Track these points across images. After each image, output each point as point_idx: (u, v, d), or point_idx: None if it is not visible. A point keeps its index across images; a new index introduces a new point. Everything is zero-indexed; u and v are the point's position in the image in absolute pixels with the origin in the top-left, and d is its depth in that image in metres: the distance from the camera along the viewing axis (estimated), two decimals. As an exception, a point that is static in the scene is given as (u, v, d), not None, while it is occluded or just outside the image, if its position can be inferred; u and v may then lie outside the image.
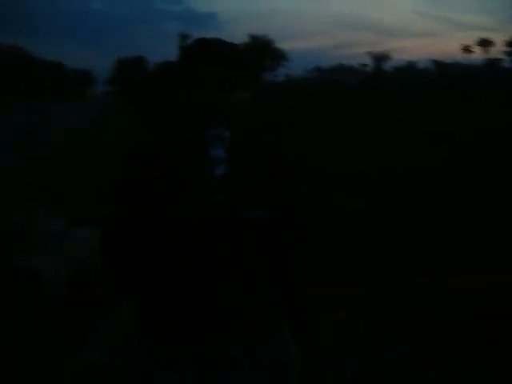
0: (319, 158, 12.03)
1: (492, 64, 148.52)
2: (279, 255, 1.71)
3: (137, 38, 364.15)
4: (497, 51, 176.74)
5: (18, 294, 3.24)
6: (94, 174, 10.66)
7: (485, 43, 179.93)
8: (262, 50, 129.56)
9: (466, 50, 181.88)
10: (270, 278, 1.70)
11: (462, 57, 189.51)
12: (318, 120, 23.12)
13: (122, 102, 62.38)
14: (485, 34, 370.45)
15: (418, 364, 3.63)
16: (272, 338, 1.72)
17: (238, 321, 1.64)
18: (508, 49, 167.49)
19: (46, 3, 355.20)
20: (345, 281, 4.92)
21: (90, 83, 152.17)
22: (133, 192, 1.62)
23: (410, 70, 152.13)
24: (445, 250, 5.91)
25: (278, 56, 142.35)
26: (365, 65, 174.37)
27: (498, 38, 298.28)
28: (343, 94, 44.05)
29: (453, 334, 3.94)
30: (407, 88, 46.76)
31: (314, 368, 1.76)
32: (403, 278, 5.08)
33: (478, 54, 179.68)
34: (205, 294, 1.60)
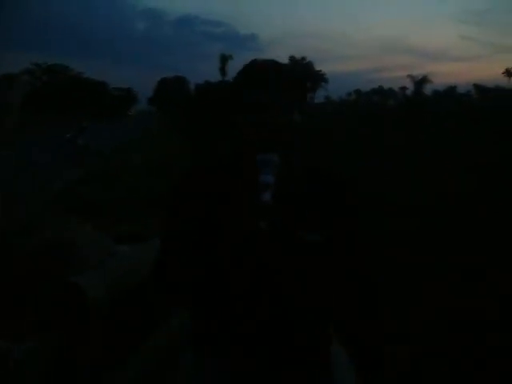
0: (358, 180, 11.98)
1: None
2: (337, 282, 1.65)
3: (178, 59, 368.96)
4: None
5: (64, 310, 3.27)
6: (136, 191, 10.84)
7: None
8: (301, 72, 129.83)
9: (509, 73, 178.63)
10: (322, 309, 1.65)
11: (504, 81, 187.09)
12: (355, 142, 23.02)
13: (163, 121, 63.08)
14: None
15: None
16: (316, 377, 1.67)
17: (286, 353, 1.61)
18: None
19: (91, 24, 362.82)
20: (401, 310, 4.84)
21: (132, 101, 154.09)
22: (184, 215, 1.62)
23: (450, 94, 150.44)
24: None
25: (318, 78, 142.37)
26: (405, 88, 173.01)
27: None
28: (382, 116, 43.76)
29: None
30: (447, 112, 46.28)
31: None
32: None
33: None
34: (254, 317, 1.58)
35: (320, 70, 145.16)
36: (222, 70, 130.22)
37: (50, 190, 11.47)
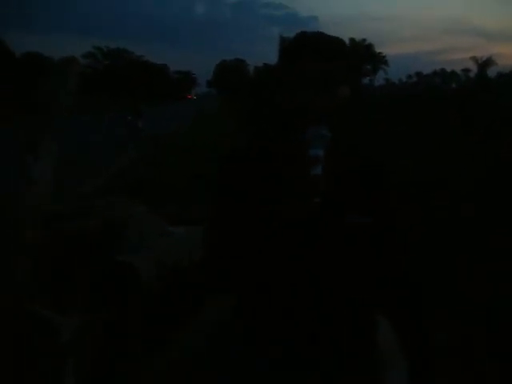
0: (411, 164, 11.74)
1: None
2: (382, 265, 1.61)
3: (238, 42, 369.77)
4: None
5: (115, 288, 3.34)
6: (194, 173, 10.95)
7: None
8: (361, 54, 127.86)
9: None
10: (368, 293, 1.61)
11: None
12: (411, 127, 22.52)
13: (222, 103, 63.38)
14: None
15: None
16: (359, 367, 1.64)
17: (325, 343, 1.59)
18: None
19: (151, 7, 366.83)
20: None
21: (192, 84, 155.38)
22: (233, 193, 1.60)
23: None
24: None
25: (378, 60, 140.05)
26: (467, 70, 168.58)
27: None
28: (442, 99, 42.64)
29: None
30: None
31: None
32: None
33: None
34: (300, 301, 1.56)
35: (380, 52, 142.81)
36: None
37: (106, 171, 11.70)
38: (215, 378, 1.75)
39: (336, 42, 1.54)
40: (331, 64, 1.48)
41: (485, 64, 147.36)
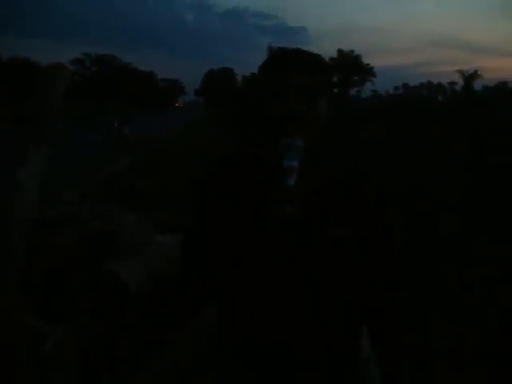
0: (397, 175, 11.79)
1: None
2: (363, 277, 1.61)
3: (227, 51, 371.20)
4: None
5: (103, 296, 3.31)
6: (180, 181, 10.94)
7: None
8: (349, 65, 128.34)
9: None
10: (350, 305, 1.62)
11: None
12: (397, 138, 22.71)
13: (209, 112, 63.48)
14: None
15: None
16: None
17: (310, 358, 1.60)
18: None
19: (139, 15, 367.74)
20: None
21: (179, 92, 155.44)
22: (212, 203, 1.62)
23: (501, 89, 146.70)
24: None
25: (366, 71, 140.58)
26: (454, 83, 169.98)
27: None
28: (428, 111, 43.02)
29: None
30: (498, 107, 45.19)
31: None
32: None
33: None
34: (295, 303, 1.56)
35: (368, 64, 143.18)
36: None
37: (94, 178, 11.66)
38: (214, 379, 1.76)
39: (313, 58, 1.58)
40: (312, 79, 1.52)
41: (471, 77, 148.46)
